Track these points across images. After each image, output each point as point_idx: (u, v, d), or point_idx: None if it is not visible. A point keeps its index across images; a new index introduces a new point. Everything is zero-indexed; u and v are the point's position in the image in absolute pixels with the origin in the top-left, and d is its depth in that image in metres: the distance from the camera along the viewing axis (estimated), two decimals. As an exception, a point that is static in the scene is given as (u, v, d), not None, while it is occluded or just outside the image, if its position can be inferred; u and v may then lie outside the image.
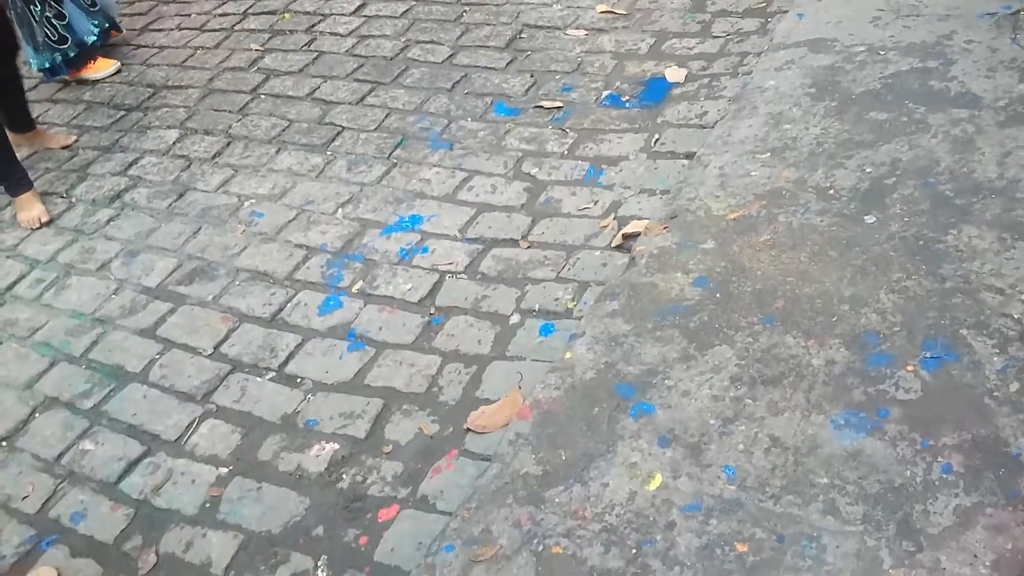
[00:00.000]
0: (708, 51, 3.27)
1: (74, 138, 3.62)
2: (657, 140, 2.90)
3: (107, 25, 4.07)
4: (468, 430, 2.11)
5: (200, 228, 2.99)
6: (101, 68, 4.02)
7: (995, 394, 1.80)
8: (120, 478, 2.21)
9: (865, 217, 2.28)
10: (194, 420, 2.31)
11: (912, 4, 3.06)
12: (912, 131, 2.52)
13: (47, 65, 3.90)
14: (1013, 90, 2.57)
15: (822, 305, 2.08)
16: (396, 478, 2.05)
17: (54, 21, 3.79)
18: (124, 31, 4.25)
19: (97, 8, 4.00)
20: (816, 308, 2.08)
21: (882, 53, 2.87)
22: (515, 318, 2.39)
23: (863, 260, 2.16)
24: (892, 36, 2.94)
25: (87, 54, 3.97)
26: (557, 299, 2.41)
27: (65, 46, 3.86)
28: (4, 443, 2.37)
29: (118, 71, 4.05)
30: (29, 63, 3.89)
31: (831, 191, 2.39)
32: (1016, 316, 1.94)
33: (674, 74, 3.19)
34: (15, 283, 2.93)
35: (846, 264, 2.17)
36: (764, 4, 3.44)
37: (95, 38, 3.93)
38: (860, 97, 2.70)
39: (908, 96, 2.65)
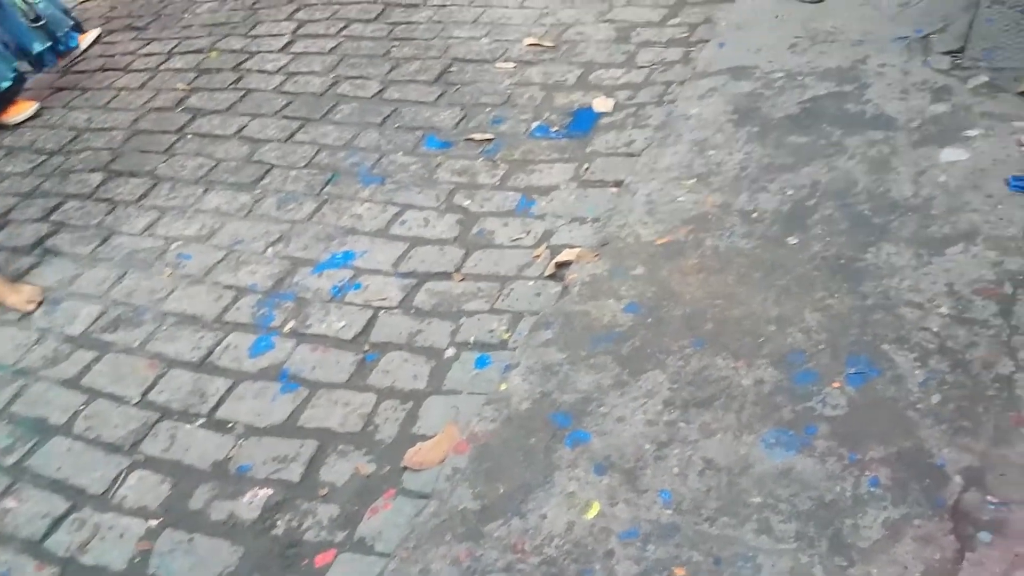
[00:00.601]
0: (634, 81, 3.32)
1: (37, 302, 2.87)
2: (586, 169, 2.93)
3: (50, 44, 3.95)
4: (405, 468, 2.09)
5: (125, 273, 2.92)
6: (21, 111, 3.92)
7: (918, 407, 1.84)
8: (45, 536, 2.13)
9: (788, 239, 2.33)
10: (121, 472, 2.24)
11: (827, 31, 3.17)
12: (830, 153, 2.59)
13: (-34, 113, 3.80)
14: (925, 111, 2.67)
15: (749, 326, 2.11)
16: (332, 521, 2.01)
17: (-31, 69, 3.70)
18: (79, 45, 4.13)
19: (42, 23, 3.90)
20: (744, 329, 2.11)
21: (800, 78, 2.95)
22: (450, 351, 2.38)
23: (787, 281, 2.21)
24: (809, 62, 3.03)
25: (5, 98, 3.87)
26: (492, 331, 2.41)
27: (-18, 93, 3.76)
28: (-80, 505, 2.27)
29: (38, 113, 3.96)
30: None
31: (755, 214, 2.44)
32: (935, 330, 2.00)
33: (601, 104, 3.23)
34: (-69, 337, 2.83)
35: (771, 285, 2.21)
36: (687, 34, 3.51)
37: (9, 83, 3.83)
38: (780, 122, 2.77)
39: (826, 120, 2.73)
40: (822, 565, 1.62)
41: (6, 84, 3.81)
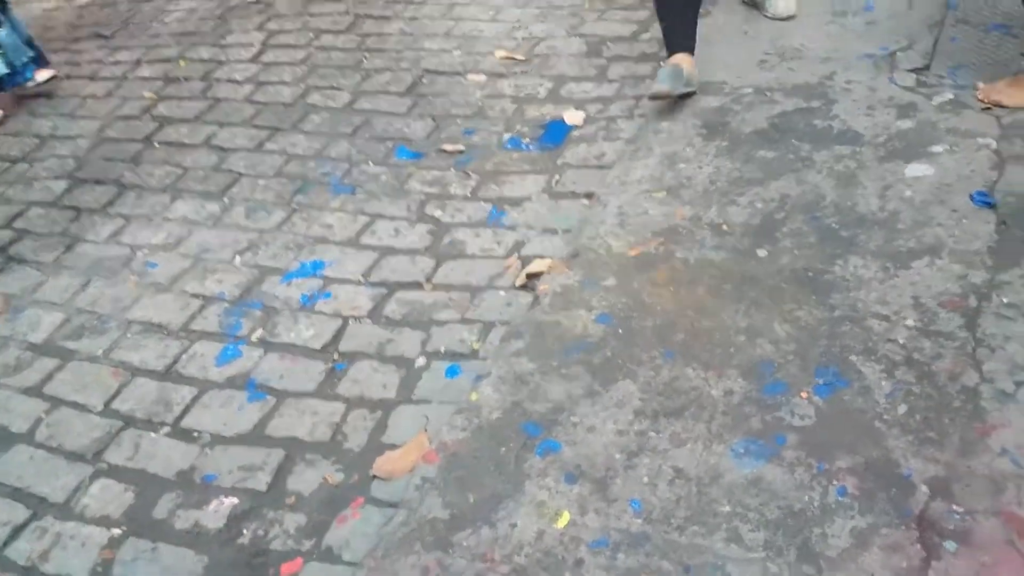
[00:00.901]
0: (605, 94, 3.34)
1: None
2: (558, 181, 2.94)
3: (8, 72, 3.88)
4: (374, 477, 2.07)
5: (90, 280, 2.87)
6: (-18, 119, 3.87)
7: (885, 417, 1.86)
8: (5, 544, 2.08)
9: (757, 251, 2.35)
10: (84, 480, 2.19)
11: (795, 48, 3.21)
12: (799, 168, 2.62)
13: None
14: (891, 127, 2.71)
15: (720, 337, 2.13)
16: (299, 530, 1.99)
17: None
18: (35, 79, 3.99)
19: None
20: (714, 340, 2.12)
21: (768, 94, 2.99)
22: (420, 361, 2.37)
23: (757, 293, 2.23)
24: (777, 78, 3.07)
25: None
26: (462, 340, 2.40)
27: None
28: None
29: (1, 121, 3.89)
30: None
31: (725, 227, 2.46)
32: (901, 341, 2.02)
33: (572, 117, 3.25)
34: None
35: (741, 297, 2.22)
36: (657, 49, 3.55)
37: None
38: (749, 136, 2.80)
39: (794, 135, 2.76)
40: (791, 574, 1.62)
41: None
